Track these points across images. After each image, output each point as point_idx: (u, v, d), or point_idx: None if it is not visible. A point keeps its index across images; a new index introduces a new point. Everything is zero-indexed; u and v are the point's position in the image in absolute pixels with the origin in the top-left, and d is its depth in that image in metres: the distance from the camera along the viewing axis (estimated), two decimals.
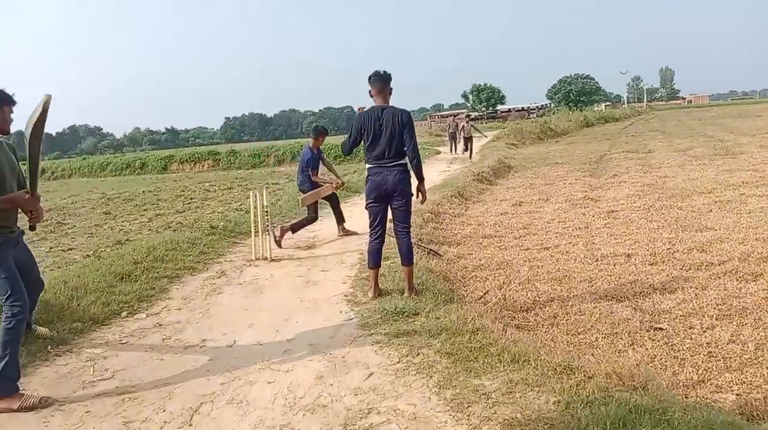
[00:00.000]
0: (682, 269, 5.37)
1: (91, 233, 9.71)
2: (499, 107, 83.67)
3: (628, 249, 6.19)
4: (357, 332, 4.05)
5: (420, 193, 4.80)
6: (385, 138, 4.50)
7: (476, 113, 78.56)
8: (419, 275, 5.04)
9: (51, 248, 8.43)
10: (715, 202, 8.23)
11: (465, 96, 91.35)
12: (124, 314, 4.75)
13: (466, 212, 9.37)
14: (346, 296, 4.90)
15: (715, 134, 21.91)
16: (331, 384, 3.29)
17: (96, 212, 12.76)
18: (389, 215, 4.72)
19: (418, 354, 3.55)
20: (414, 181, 4.73)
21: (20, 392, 3.22)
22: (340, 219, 7.77)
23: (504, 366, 3.26)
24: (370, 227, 4.75)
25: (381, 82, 4.62)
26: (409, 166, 4.66)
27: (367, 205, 4.70)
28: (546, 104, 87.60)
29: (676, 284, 4.96)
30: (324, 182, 7.53)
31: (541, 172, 14.22)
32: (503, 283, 5.33)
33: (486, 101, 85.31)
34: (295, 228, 7.26)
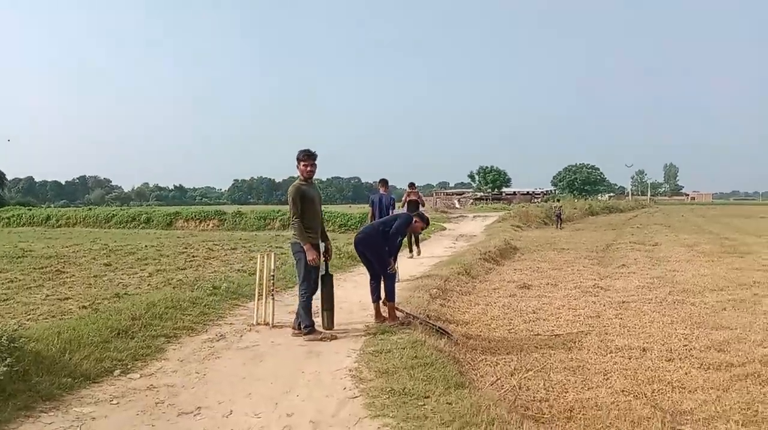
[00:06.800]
0: (700, 367, 5.14)
1: (90, 284, 9.49)
2: (504, 190, 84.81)
3: (643, 343, 5.97)
4: (362, 412, 3.80)
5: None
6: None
7: (481, 194, 79.53)
8: (428, 355, 4.84)
9: (47, 295, 8.20)
10: (728, 300, 8.05)
11: (471, 176, 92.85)
12: (117, 372, 4.53)
13: (473, 291, 9.18)
14: (350, 370, 4.66)
15: (720, 232, 21.95)
16: None
17: (96, 263, 12.56)
18: None
19: None
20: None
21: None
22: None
23: None
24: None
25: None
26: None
27: None
28: (550, 190, 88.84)
29: (696, 384, 4.72)
30: None
31: (547, 257, 14.09)
32: (515, 369, 5.09)
33: (491, 183, 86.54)
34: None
